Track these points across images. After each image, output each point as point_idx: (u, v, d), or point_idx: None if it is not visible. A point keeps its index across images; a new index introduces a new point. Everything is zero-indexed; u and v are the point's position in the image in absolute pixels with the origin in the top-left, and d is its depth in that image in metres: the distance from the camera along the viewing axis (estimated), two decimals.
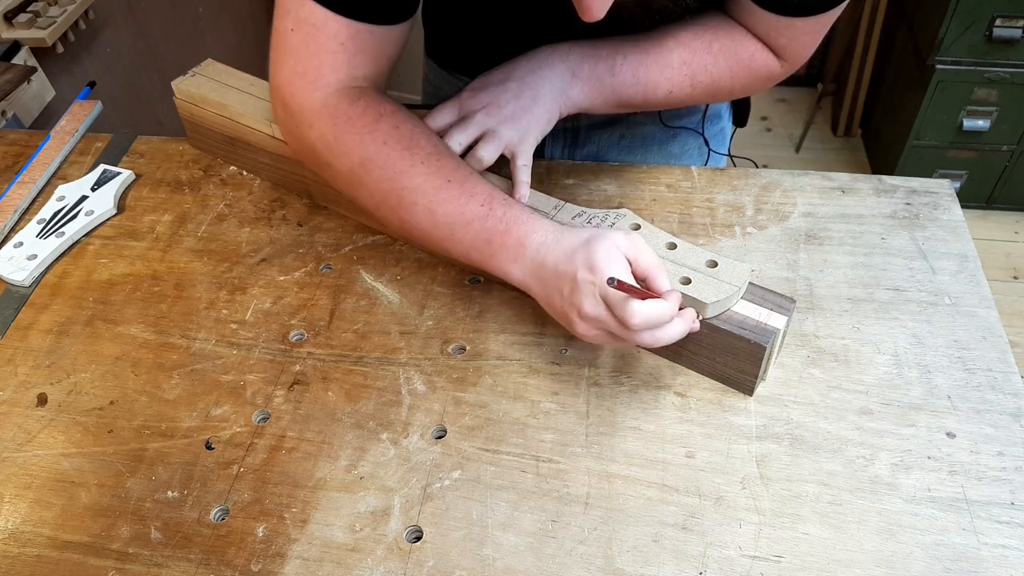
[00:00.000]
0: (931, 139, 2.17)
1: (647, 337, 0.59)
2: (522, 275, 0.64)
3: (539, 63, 0.73)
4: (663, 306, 0.57)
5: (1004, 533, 0.58)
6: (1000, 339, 0.69)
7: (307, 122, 0.69)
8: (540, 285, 0.63)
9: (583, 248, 0.60)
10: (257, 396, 0.69)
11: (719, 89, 0.75)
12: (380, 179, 0.67)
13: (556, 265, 0.61)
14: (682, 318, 0.60)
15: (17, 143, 0.97)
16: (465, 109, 0.73)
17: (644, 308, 0.57)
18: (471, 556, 0.58)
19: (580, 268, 0.59)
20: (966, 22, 1.94)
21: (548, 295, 0.63)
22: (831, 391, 0.67)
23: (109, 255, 0.82)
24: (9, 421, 0.68)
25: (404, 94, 2.66)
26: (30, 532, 0.61)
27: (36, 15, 1.24)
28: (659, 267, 0.60)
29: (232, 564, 0.58)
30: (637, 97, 0.74)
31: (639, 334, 0.58)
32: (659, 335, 0.59)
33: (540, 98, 0.72)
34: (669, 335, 0.59)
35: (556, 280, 0.61)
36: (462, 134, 0.71)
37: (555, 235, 0.63)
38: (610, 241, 0.60)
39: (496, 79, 0.73)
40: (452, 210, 0.66)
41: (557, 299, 0.62)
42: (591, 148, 0.95)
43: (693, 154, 0.97)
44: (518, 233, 0.64)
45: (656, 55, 0.73)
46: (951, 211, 0.81)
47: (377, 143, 0.67)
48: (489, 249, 0.65)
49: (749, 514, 0.59)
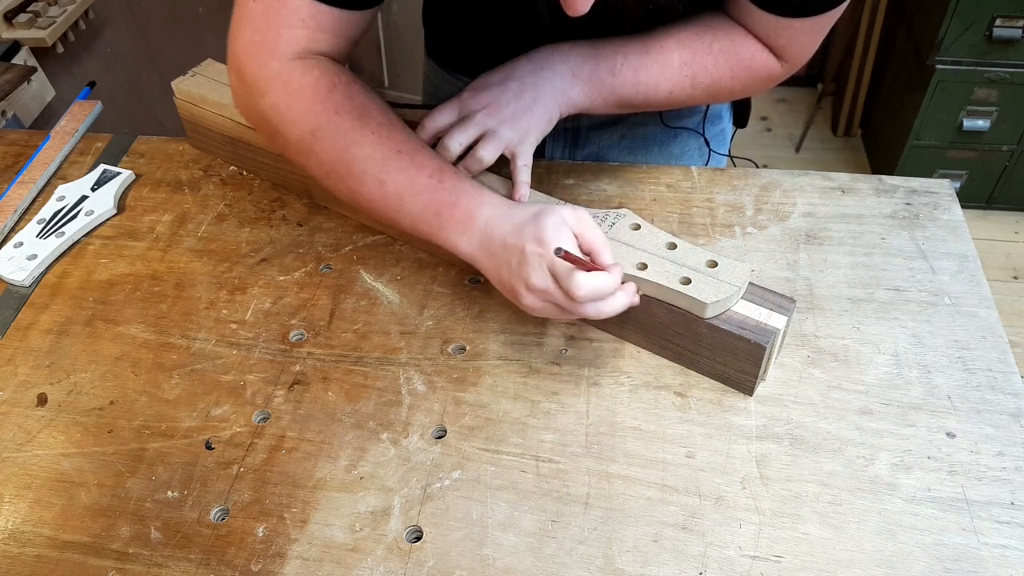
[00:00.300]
0: (931, 139, 2.17)
1: (591, 309, 0.61)
2: (470, 248, 0.65)
3: (540, 64, 0.73)
4: (607, 278, 0.60)
5: (1004, 533, 0.58)
6: (1000, 339, 0.69)
7: (260, 91, 0.69)
8: (488, 258, 0.64)
9: (532, 222, 0.62)
10: (257, 396, 0.69)
11: (720, 90, 0.75)
12: (330, 148, 0.67)
13: (504, 238, 0.63)
14: (624, 292, 0.62)
15: (17, 143, 0.97)
16: (466, 109, 0.73)
17: (589, 280, 0.59)
18: (471, 556, 0.58)
19: (528, 241, 0.61)
20: (966, 22, 1.94)
21: (496, 268, 0.64)
22: (831, 391, 0.67)
23: (109, 255, 0.82)
24: (9, 421, 0.68)
25: (404, 94, 2.66)
26: (30, 532, 0.61)
27: (36, 15, 1.24)
28: (604, 242, 0.62)
29: (232, 564, 0.58)
30: (638, 98, 0.74)
31: (584, 306, 0.60)
32: (602, 307, 0.61)
33: (540, 99, 0.72)
34: (612, 307, 0.61)
35: (504, 253, 0.63)
36: (462, 134, 0.71)
37: (504, 209, 0.64)
38: (558, 216, 0.62)
39: (496, 80, 0.73)
40: (402, 181, 0.66)
41: (505, 272, 0.63)
42: (592, 148, 0.95)
43: (694, 154, 0.97)
44: (467, 206, 0.65)
45: (657, 56, 0.73)
46: (951, 211, 0.81)
47: (328, 112, 0.67)
48: (438, 221, 0.66)
49: (749, 514, 0.59)
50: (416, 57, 2.52)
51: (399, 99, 2.67)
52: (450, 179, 0.66)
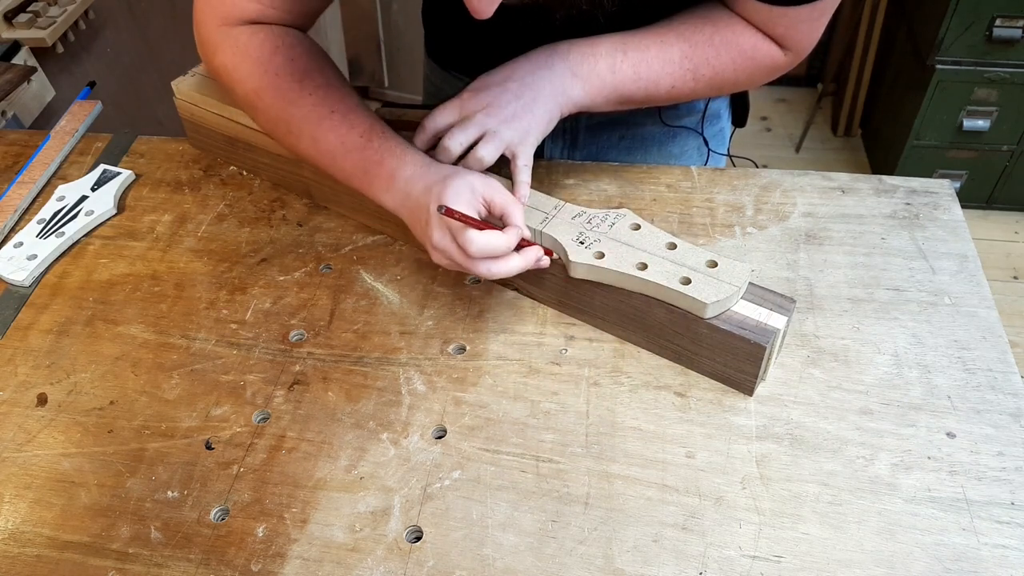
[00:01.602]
0: (931, 139, 2.17)
1: (482, 267, 0.64)
2: (393, 204, 0.70)
3: (539, 63, 0.73)
4: (499, 237, 0.64)
5: (1004, 533, 0.58)
6: (1000, 339, 0.69)
7: (212, 50, 0.76)
8: (408, 214, 0.70)
9: (440, 183, 0.66)
10: (257, 396, 0.69)
11: (723, 82, 0.75)
12: (272, 107, 0.74)
13: (418, 197, 0.67)
14: (523, 255, 0.65)
15: (17, 143, 0.97)
16: (466, 109, 0.73)
17: (480, 237, 0.63)
18: (471, 556, 0.58)
19: (433, 202, 0.65)
20: (966, 22, 1.94)
21: (413, 224, 0.70)
22: (831, 391, 0.67)
23: (109, 255, 0.82)
24: (9, 421, 0.68)
25: (404, 94, 2.66)
26: (30, 532, 0.61)
27: (36, 15, 1.24)
28: (515, 204, 0.66)
29: (232, 564, 0.58)
30: (639, 94, 0.74)
31: (478, 263, 0.64)
32: (495, 267, 0.65)
33: (540, 98, 0.72)
34: (506, 268, 0.65)
35: (417, 211, 0.68)
36: (462, 134, 0.71)
37: (422, 169, 0.69)
38: (465, 180, 0.66)
39: (496, 80, 0.73)
40: (333, 139, 0.71)
41: (418, 229, 0.69)
42: (590, 149, 0.95)
43: (692, 154, 0.97)
44: (390, 165, 0.69)
45: (657, 50, 0.73)
46: (951, 211, 0.81)
47: (270, 75, 0.73)
48: (366, 179, 0.71)
49: (749, 514, 0.59)
50: (416, 57, 2.52)
51: (399, 99, 2.67)
52: (378, 139, 0.70)
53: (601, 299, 0.69)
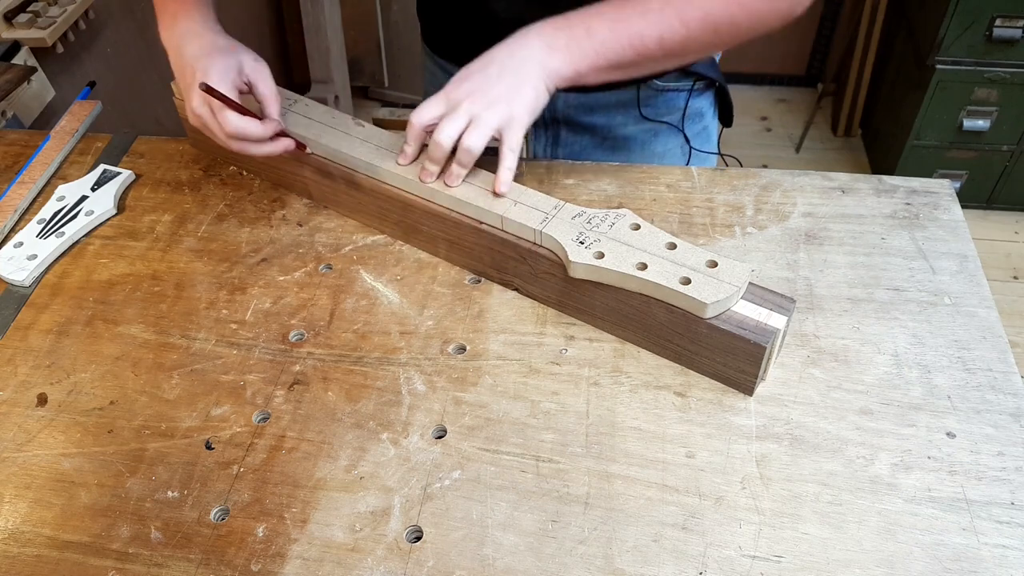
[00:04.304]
0: (931, 139, 2.17)
1: (236, 146, 0.73)
2: (168, 47, 0.78)
3: (517, 45, 0.73)
4: (255, 125, 0.72)
5: (1004, 533, 0.58)
6: (1000, 339, 0.69)
7: None
8: (177, 67, 0.77)
9: (210, 55, 0.73)
10: (257, 396, 0.69)
11: (718, 22, 0.71)
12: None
13: (188, 57, 0.74)
14: (273, 143, 0.75)
15: (17, 143, 0.97)
16: (451, 100, 0.72)
17: (237, 120, 0.71)
18: (471, 556, 0.58)
19: (199, 69, 0.72)
20: (966, 22, 1.94)
21: (179, 78, 0.77)
22: (831, 391, 0.67)
23: (109, 255, 0.82)
24: (9, 421, 0.68)
25: (404, 94, 2.66)
26: (30, 532, 0.61)
27: (36, 15, 1.24)
28: (273, 97, 0.75)
29: (232, 564, 0.58)
30: (628, 53, 0.72)
31: (231, 141, 0.73)
32: (250, 148, 0.74)
33: (524, 78, 0.71)
34: (259, 151, 0.74)
35: (184, 69, 0.74)
36: (451, 126, 0.71)
37: (201, 27, 0.76)
38: (235, 58, 0.73)
39: (477, 67, 0.73)
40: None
41: (182, 84, 0.76)
42: (573, 148, 0.95)
43: (676, 153, 0.97)
44: (175, 10, 0.77)
45: (634, 3, 0.71)
46: (951, 211, 0.81)
47: None
48: (159, 10, 0.79)
49: (749, 514, 0.59)
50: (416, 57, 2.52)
51: (399, 99, 2.67)
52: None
53: (601, 299, 0.69)
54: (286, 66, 2.45)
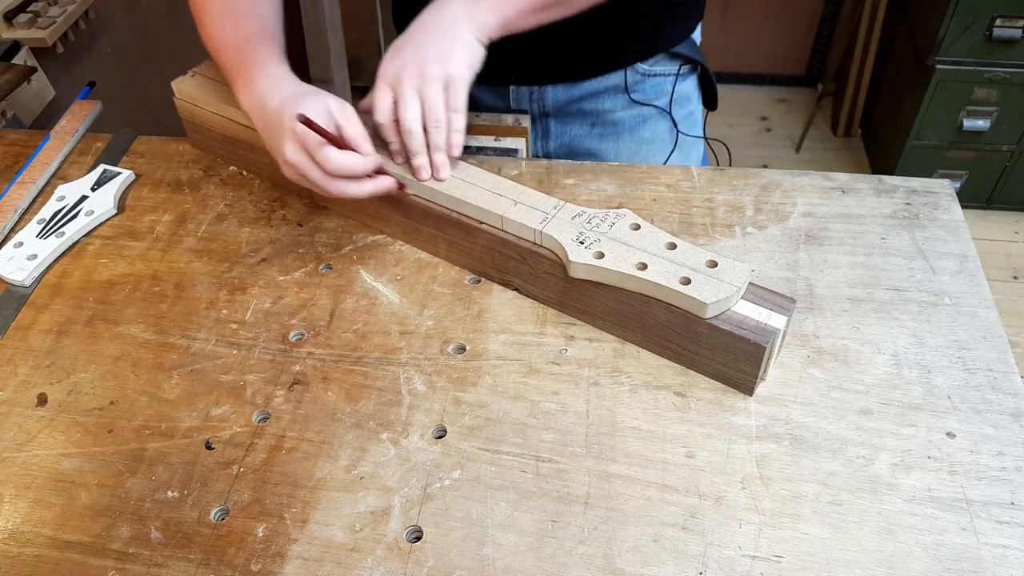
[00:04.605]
0: (931, 139, 2.17)
1: (336, 187, 0.69)
2: (249, 108, 0.75)
3: (437, 9, 0.73)
4: (357, 159, 0.69)
5: (1004, 533, 0.58)
6: (1000, 339, 0.69)
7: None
8: (262, 125, 0.73)
9: (295, 99, 0.69)
10: (257, 396, 0.69)
11: None
12: (193, 1, 0.82)
13: (273, 110, 0.71)
14: (375, 181, 0.71)
15: (17, 143, 0.97)
16: (392, 80, 0.72)
17: (337, 155, 0.67)
18: (471, 556, 0.58)
19: (286, 116, 0.69)
20: (966, 22, 1.94)
21: (266, 137, 0.73)
22: (831, 391, 0.67)
23: (109, 255, 0.82)
24: (9, 421, 0.68)
25: None
26: (30, 532, 0.61)
27: (36, 15, 1.24)
28: (364, 136, 0.70)
29: (232, 564, 0.58)
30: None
31: (333, 181, 0.69)
32: (349, 188, 0.70)
33: (453, 37, 0.71)
34: (359, 190, 0.70)
35: (270, 123, 0.72)
36: (409, 110, 0.71)
37: (281, 82, 0.73)
38: (321, 100, 0.70)
39: (407, 38, 0.73)
40: (221, 37, 0.78)
41: (271, 141, 0.72)
42: (564, 139, 0.96)
43: (664, 138, 0.97)
44: (252, 72, 0.74)
45: None
46: (951, 211, 0.81)
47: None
48: (233, 81, 0.77)
49: (749, 514, 0.59)
50: None
51: None
52: (255, 45, 0.75)
53: (601, 299, 0.69)
54: None
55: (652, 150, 0.98)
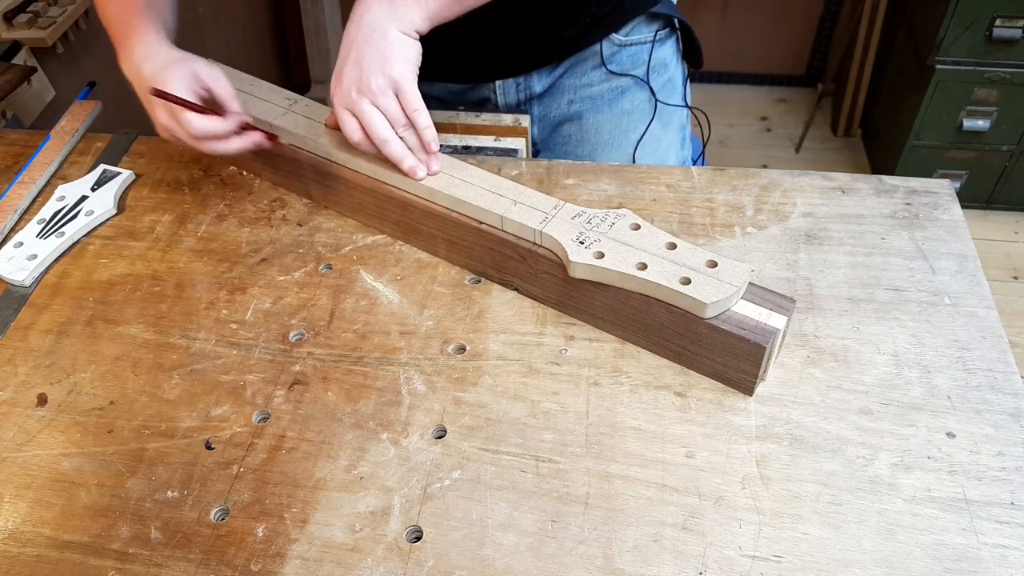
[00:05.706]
0: (931, 139, 2.17)
1: (206, 146, 0.75)
2: (130, 76, 0.78)
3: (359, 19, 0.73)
4: (215, 121, 0.73)
5: (1004, 533, 0.58)
6: (1000, 339, 0.69)
7: None
8: (139, 90, 0.77)
9: (164, 68, 0.74)
10: (257, 396, 0.69)
11: None
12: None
13: (148, 78, 0.75)
14: (242, 137, 0.76)
15: (17, 143, 0.97)
16: (349, 105, 0.73)
17: (197, 119, 0.72)
18: (471, 556, 0.58)
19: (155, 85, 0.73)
20: (966, 22, 1.94)
21: (143, 100, 0.77)
22: (831, 391, 0.67)
23: (109, 255, 0.82)
24: (9, 421, 0.68)
25: None
26: (30, 532, 0.61)
27: (36, 15, 1.24)
28: (231, 95, 0.76)
29: (232, 564, 0.58)
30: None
31: (201, 142, 0.74)
32: (218, 146, 0.75)
33: (384, 41, 0.72)
34: (226, 147, 0.76)
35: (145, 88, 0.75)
36: (375, 124, 0.72)
37: (155, 50, 0.76)
38: (188, 67, 0.74)
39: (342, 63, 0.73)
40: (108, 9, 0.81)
41: (148, 106, 0.77)
42: (545, 122, 0.97)
43: (644, 108, 0.98)
44: (131, 41, 0.78)
45: None
46: (951, 211, 0.81)
47: None
48: (117, 48, 0.80)
49: (749, 514, 0.59)
50: None
51: None
52: (139, 17, 0.78)
53: (601, 299, 0.69)
54: (286, 66, 2.45)
55: (632, 121, 0.98)
